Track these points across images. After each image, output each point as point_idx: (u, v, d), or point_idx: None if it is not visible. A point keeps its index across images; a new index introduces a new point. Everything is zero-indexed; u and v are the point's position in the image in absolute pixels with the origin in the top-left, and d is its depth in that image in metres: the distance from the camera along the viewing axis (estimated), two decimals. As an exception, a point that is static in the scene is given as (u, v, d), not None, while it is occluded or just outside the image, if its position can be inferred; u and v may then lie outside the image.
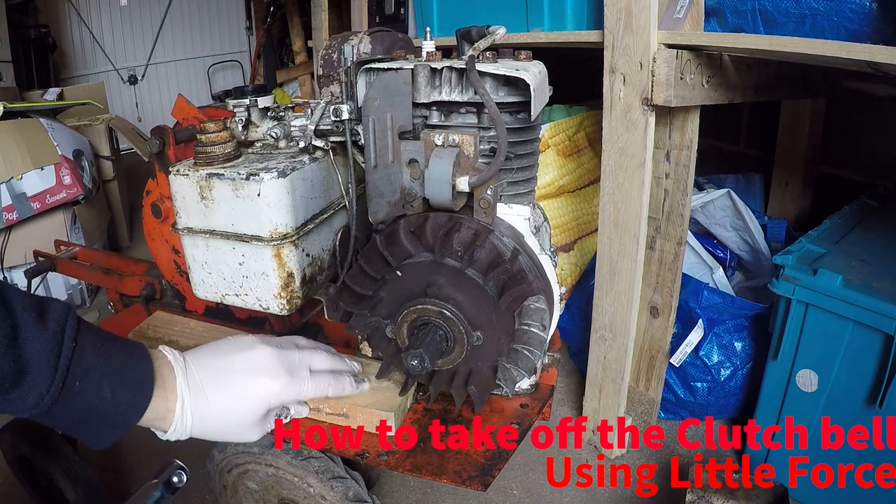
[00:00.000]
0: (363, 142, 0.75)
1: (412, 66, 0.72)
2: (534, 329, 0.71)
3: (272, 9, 4.19)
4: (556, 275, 0.84)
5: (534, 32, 1.45)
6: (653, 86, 1.14)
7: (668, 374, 1.55)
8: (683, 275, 1.44)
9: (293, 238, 0.86)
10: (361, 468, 0.99)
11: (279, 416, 0.76)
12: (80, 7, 4.38)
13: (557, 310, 0.83)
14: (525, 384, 0.92)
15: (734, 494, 1.19)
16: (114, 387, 0.57)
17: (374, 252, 0.77)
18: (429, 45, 0.77)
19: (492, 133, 0.75)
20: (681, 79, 1.14)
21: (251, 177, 0.82)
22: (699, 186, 1.92)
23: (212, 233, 0.88)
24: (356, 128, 0.82)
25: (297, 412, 0.80)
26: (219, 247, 0.88)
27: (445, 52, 0.82)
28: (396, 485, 1.42)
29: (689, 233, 1.50)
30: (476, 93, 0.69)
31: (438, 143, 0.72)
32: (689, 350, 1.52)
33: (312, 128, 0.86)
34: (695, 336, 1.51)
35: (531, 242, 0.80)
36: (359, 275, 0.79)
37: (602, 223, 1.32)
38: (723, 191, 1.68)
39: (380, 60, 0.78)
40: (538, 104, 0.72)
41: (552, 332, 0.87)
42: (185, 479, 0.63)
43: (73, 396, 0.54)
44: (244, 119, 0.96)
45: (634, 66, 1.16)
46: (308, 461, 0.92)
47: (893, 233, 1.36)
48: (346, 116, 0.81)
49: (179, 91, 4.64)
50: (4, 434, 1.21)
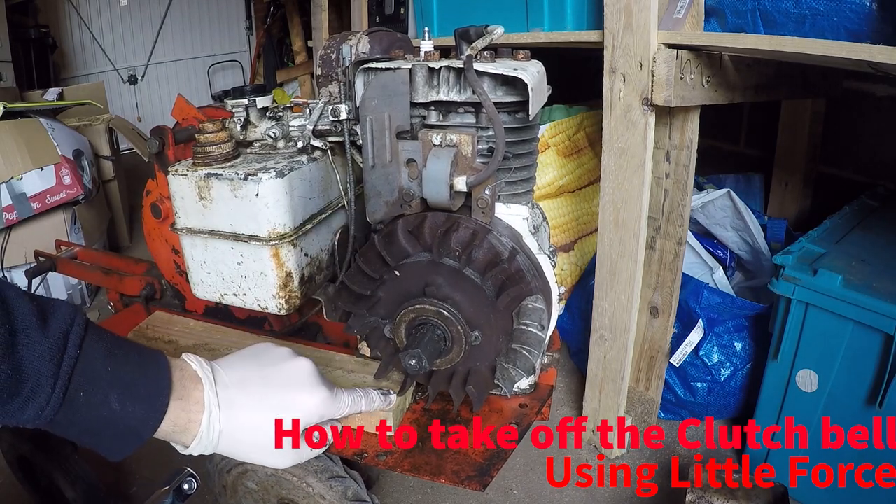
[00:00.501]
0: (361, 142, 0.75)
1: (410, 66, 0.72)
2: (532, 329, 0.71)
3: (272, 9, 4.19)
4: (556, 275, 0.84)
5: (534, 32, 1.45)
6: (653, 86, 1.14)
7: (668, 374, 1.55)
8: (683, 275, 1.44)
9: (291, 238, 0.86)
10: (360, 468, 0.99)
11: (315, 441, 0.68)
12: (80, 7, 4.38)
13: (556, 309, 0.83)
14: (524, 384, 0.92)
15: (734, 494, 1.19)
16: (123, 399, 0.52)
17: (373, 252, 0.77)
18: (427, 45, 0.77)
19: (490, 133, 0.75)
20: (681, 79, 1.13)
21: (249, 177, 0.82)
22: (699, 186, 1.91)
23: (210, 233, 0.88)
24: (354, 128, 0.82)
25: (336, 434, 0.72)
26: (217, 247, 0.88)
27: (445, 52, 0.82)
28: (396, 485, 1.42)
29: (689, 233, 1.50)
30: (474, 92, 0.69)
31: (436, 143, 0.72)
32: (689, 350, 1.52)
33: (311, 128, 0.86)
34: (695, 336, 1.51)
35: (529, 242, 0.80)
36: (357, 274, 0.79)
37: (602, 223, 1.32)
38: (723, 191, 1.68)
39: (378, 60, 0.78)
40: (536, 104, 0.72)
41: (551, 332, 0.87)
42: (196, 487, 0.62)
43: (78, 407, 0.50)
44: (243, 119, 0.96)
45: (634, 66, 1.16)
46: (307, 461, 0.92)
47: (893, 233, 1.35)
48: (345, 116, 0.81)
49: (179, 91, 4.63)
50: (4, 434, 1.21)
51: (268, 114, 0.98)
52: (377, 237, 0.76)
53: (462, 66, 0.69)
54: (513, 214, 0.80)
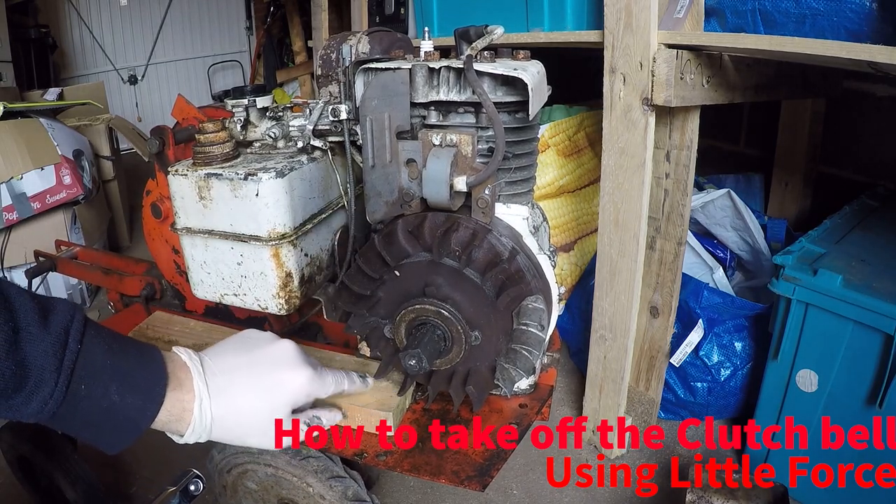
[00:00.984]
0: (361, 142, 0.75)
1: (410, 66, 0.72)
2: (532, 329, 0.71)
3: (272, 9, 4.19)
4: (556, 275, 0.84)
5: (534, 32, 1.45)
6: (653, 86, 1.14)
7: (668, 374, 1.55)
8: (683, 275, 1.44)
9: (291, 238, 0.86)
10: (360, 468, 0.99)
11: (310, 424, 0.71)
12: (80, 7, 4.38)
13: (556, 309, 0.83)
14: (524, 384, 0.92)
15: (734, 494, 1.19)
16: (122, 390, 0.54)
17: (373, 252, 0.77)
18: (427, 45, 0.77)
19: (490, 133, 0.75)
20: (681, 79, 1.13)
21: (249, 177, 0.82)
22: (699, 186, 1.91)
23: (210, 233, 0.88)
24: (354, 128, 0.82)
25: (330, 419, 0.75)
26: (217, 247, 0.88)
27: (445, 53, 0.82)
28: (396, 485, 1.42)
29: (689, 233, 1.50)
30: (474, 92, 0.69)
31: (436, 143, 0.72)
32: (689, 350, 1.52)
33: (311, 128, 0.86)
34: (695, 336, 1.51)
35: (529, 242, 0.80)
36: (357, 275, 0.79)
37: (602, 223, 1.32)
38: (723, 191, 1.68)
39: (378, 60, 0.78)
40: (536, 104, 0.72)
41: (551, 332, 0.87)
42: (202, 487, 0.63)
43: (80, 400, 0.52)
44: (243, 119, 0.96)
45: (634, 66, 1.16)
46: (307, 461, 0.92)
47: (893, 233, 1.35)
48: (345, 116, 0.81)
49: (179, 91, 4.63)
50: (4, 434, 1.21)
51: (268, 114, 0.98)
52: (377, 237, 0.76)
53: (462, 66, 0.69)
54: (513, 214, 0.80)
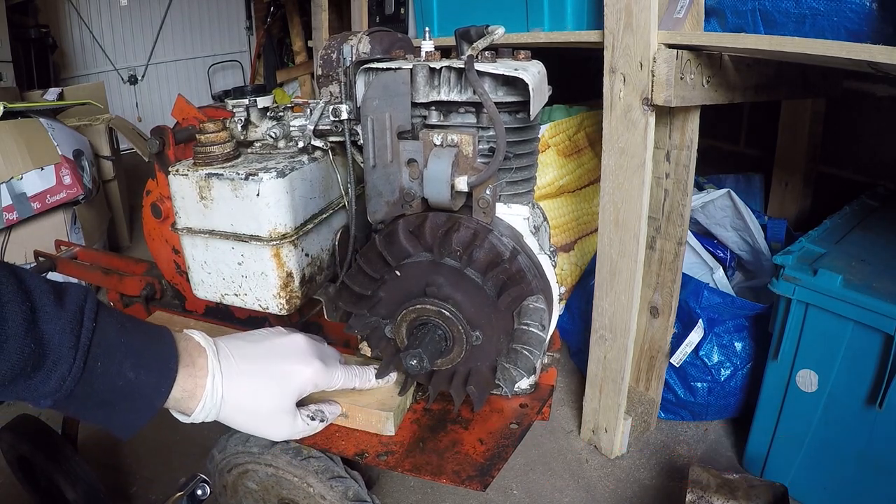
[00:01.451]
0: (362, 142, 0.75)
1: (411, 66, 0.72)
2: (533, 329, 0.71)
3: (272, 9, 4.19)
4: (556, 275, 0.84)
5: (534, 32, 1.45)
6: (653, 86, 1.14)
7: (668, 374, 1.55)
8: (683, 275, 1.44)
9: (292, 238, 0.86)
10: (361, 468, 0.99)
11: (313, 418, 0.73)
12: (80, 7, 4.38)
13: (557, 309, 0.83)
14: (524, 384, 0.92)
15: (734, 494, 1.19)
16: (137, 367, 0.55)
17: (373, 252, 0.77)
18: (428, 45, 0.77)
19: (491, 133, 0.75)
20: (681, 79, 1.13)
21: (250, 177, 0.82)
22: (699, 186, 1.92)
23: (211, 233, 0.88)
24: (355, 128, 0.82)
25: (334, 414, 0.77)
26: (218, 247, 0.88)
27: (445, 52, 0.82)
28: (397, 485, 1.42)
29: (689, 233, 1.50)
30: (475, 92, 0.69)
31: (437, 143, 0.72)
32: (689, 350, 1.52)
33: (311, 128, 0.86)
34: (695, 336, 1.51)
35: (530, 242, 0.80)
36: (358, 274, 0.79)
37: (602, 223, 1.32)
38: (723, 191, 1.68)
39: (378, 60, 0.78)
40: (537, 104, 0.72)
41: (552, 332, 0.87)
42: (209, 492, 0.63)
43: (96, 378, 0.53)
44: (243, 119, 0.96)
45: (634, 66, 1.16)
46: (308, 461, 0.92)
47: (893, 233, 1.36)
48: (345, 116, 0.81)
49: (179, 91, 4.64)
50: (4, 434, 1.21)
51: (268, 114, 0.98)
52: (378, 237, 0.76)
53: (463, 67, 0.70)
54: (513, 214, 0.80)
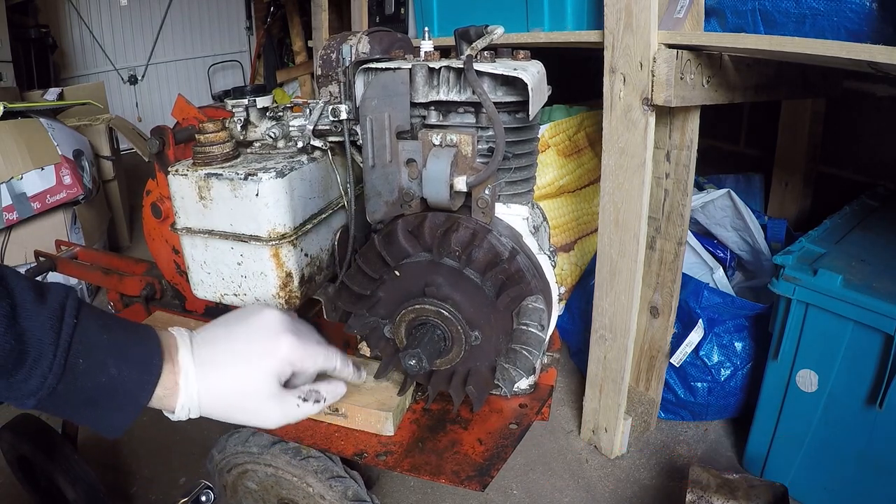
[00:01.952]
0: (361, 142, 0.75)
1: (410, 66, 0.72)
2: (532, 329, 0.71)
3: (272, 9, 4.19)
4: (556, 275, 0.84)
5: (534, 32, 1.45)
6: (653, 86, 1.14)
7: (669, 374, 1.55)
8: (683, 275, 1.44)
9: (291, 238, 0.86)
10: (360, 468, 0.99)
11: (305, 399, 0.65)
12: (80, 7, 4.38)
13: (556, 309, 0.83)
14: (524, 384, 0.92)
15: (734, 494, 1.19)
16: (120, 364, 0.54)
17: (373, 252, 0.77)
18: (427, 45, 0.77)
19: (490, 133, 0.75)
20: (681, 79, 1.13)
21: (249, 177, 0.82)
22: (699, 186, 1.91)
23: (210, 233, 0.88)
24: (354, 128, 0.82)
25: (333, 393, 0.68)
26: (217, 247, 0.88)
27: (445, 52, 0.82)
28: (396, 485, 1.42)
29: (689, 233, 1.50)
30: (474, 92, 0.69)
31: (436, 143, 0.72)
32: (689, 350, 1.52)
33: (311, 128, 0.86)
34: (695, 336, 1.51)
35: (529, 242, 0.80)
36: (357, 275, 0.79)
37: (602, 223, 1.32)
38: (723, 191, 1.68)
39: (378, 60, 0.78)
40: (536, 104, 0.72)
41: (551, 332, 0.87)
42: (213, 498, 0.63)
43: (79, 375, 0.51)
44: (243, 119, 0.96)
45: (634, 66, 1.16)
46: (307, 461, 0.92)
47: (893, 233, 1.36)
48: (345, 116, 0.81)
49: (179, 91, 4.63)
50: (4, 434, 1.21)
51: (268, 114, 0.98)
52: (377, 237, 0.76)
53: (462, 66, 0.69)
54: (513, 214, 0.80)
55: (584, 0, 1.37)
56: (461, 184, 0.71)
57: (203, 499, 0.63)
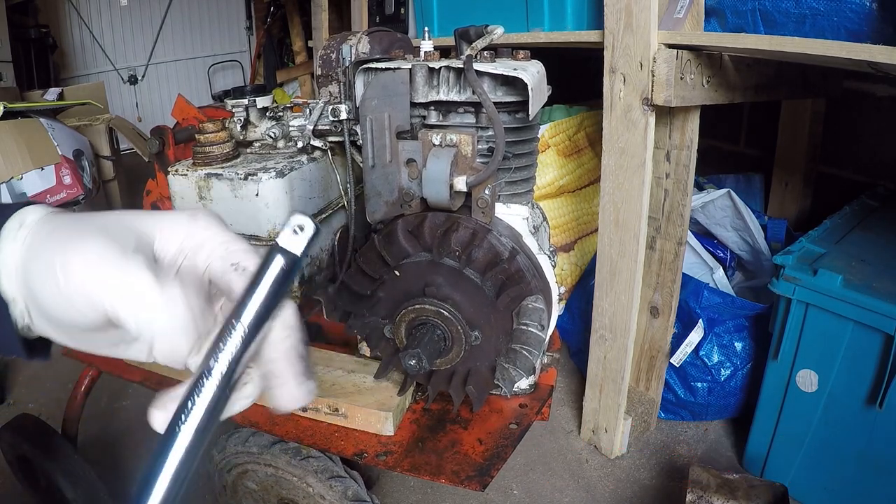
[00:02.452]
0: (361, 142, 0.75)
1: (410, 66, 0.72)
2: (532, 329, 0.71)
3: (272, 9, 4.18)
4: (556, 275, 0.84)
5: (534, 32, 1.45)
6: (653, 86, 1.14)
7: (669, 374, 1.55)
8: (683, 275, 1.44)
9: (292, 238, 0.86)
10: (360, 468, 0.99)
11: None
12: (80, 7, 4.38)
13: (556, 309, 0.83)
14: (524, 384, 0.92)
15: (734, 494, 1.18)
16: None
17: (373, 252, 0.77)
18: (427, 45, 0.77)
19: (490, 133, 0.75)
20: (681, 79, 1.13)
21: (249, 177, 0.82)
22: (699, 186, 1.91)
23: (210, 233, 0.88)
24: (354, 128, 0.82)
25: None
26: (217, 247, 0.88)
27: (445, 53, 0.82)
28: (396, 485, 1.42)
29: (689, 233, 1.50)
30: (474, 92, 0.69)
31: (436, 143, 0.72)
32: (690, 350, 1.51)
33: (311, 128, 0.86)
34: (695, 336, 1.51)
35: (529, 242, 0.80)
36: (357, 274, 0.79)
37: (602, 223, 1.32)
38: (723, 191, 1.68)
39: (378, 60, 0.78)
40: (536, 104, 0.72)
41: (551, 332, 0.87)
42: (314, 228, 0.34)
43: None
44: (243, 119, 0.96)
45: (634, 66, 1.16)
46: (307, 461, 0.92)
47: (893, 233, 1.35)
48: (345, 116, 0.81)
49: (179, 91, 4.63)
50: (4, 434, 1.21)
51: (268, 114, 0.98)
52: (377, 237, 0.76)
53: (462, 66, 0.69)
54: (513, 214, 0.80)
55: (584, 0, 1.37)
56: (461, 184, 0.71)
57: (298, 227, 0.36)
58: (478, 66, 0.69)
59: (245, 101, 0.95)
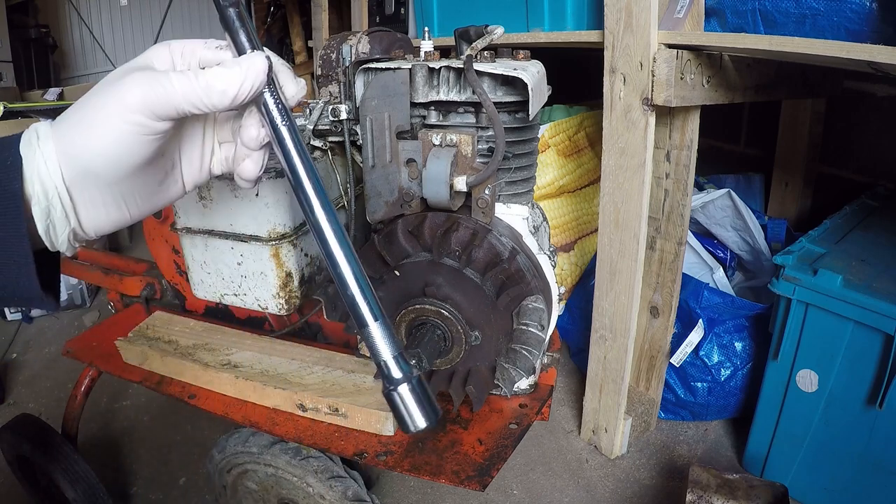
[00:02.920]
0: (361, 142, 0.75)
1: (410, 66, 0.72)
2: (532, 329, 0.71)
3: (272, 9, 4.18)
4: (556, 275, 0.84)
5: (534, 32, 1.45)
6: (653, 86, 1.14)
7: (669, 374, 1.55)
8: (683, 275, 1.44)
9: (291, 238, 0.86)
10: (360, 468, 0.99)
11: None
12: (80, 7, 4.38)
13: (556, 309, 0.83)
14: (524, 384, 0.92)
15: (734, 494, 1.18)
16: None
17: (373, 252, 0.77)
18: (427, 45, 0.77)
19: (490, 133, 0.75)
20: (681, 79, 1.13)
21: (250, 177, 0.82)
22: (699, 186, 1.91)
23: (210, 232, 0.88)
24: (354, 128, 0.82)
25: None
26: (217, 246, 0.88)
27: (445, 53, 0.82)
28: (396, 485, 1.42)
29: (690, 233, 1.50)
30: (474, 92, 0.69)
31: (436, 143, 0.72)
32: (690, 350, 1.52)
33: (311, 128, 0.86)
34: (695, 336, 1.51)
35: (529, 242, 0.80)
36: (357, 275, 0.79)
37: (602, 223, 1.32)
38: (723, 191, 1.68)
39: (378, 60, 0.78)
40: (536, 104, 0.72)
41: (551, 332, 0.87)
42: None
43: None
44: (243, 119, 0.95)
45: (634, 66, 1.16)
46: (307, 461, 0.92)
47: (893, 233, 1.36)
48: (345, 116, 0.81)
49: (180, 91, 4.62)
50: (4, 434, 1.21)
51: (268, 114, 0.97)
52: (377, 237, 0.76)
53: (462, 66, 0.69)
54: (513, 214, 0.80)
55: (584, 0, 1.37)
56: (461, 184, 0.71)
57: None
58: (478, 66, 0.69)
59: (245, 101, 0.95)
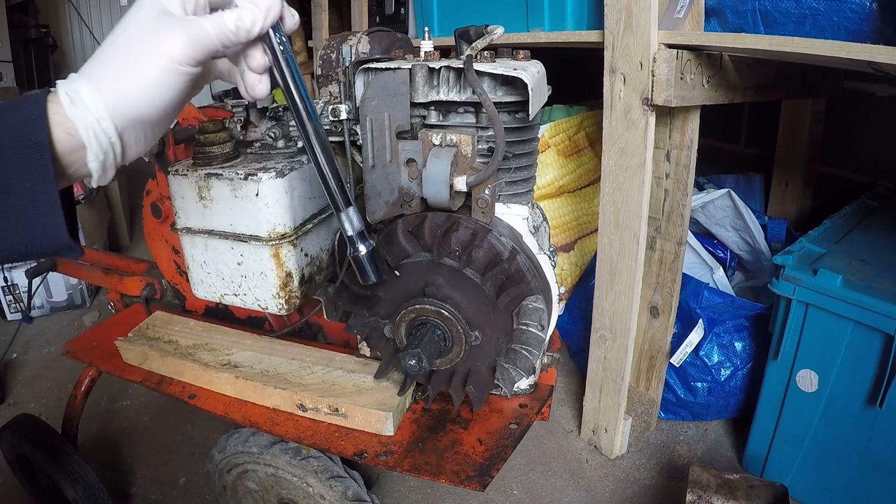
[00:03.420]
0: (361, 142, 0.75)
1: (410, 66, 0.72)
2: (532, 329, 0.71)
3: (272, 9, 4.18)
4: (556, 275, 0.84)
5: (534, 32, 1.45)
6: (653, 86, 1.14)
7: (669, 374, 1.55)
8: (683, 275, 1.44)
9: (291, 238, 0.86)
10: (360, 468, 0.99)
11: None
12: (80, 7, 4.38)
13: (556, 309, 0.83)
14: (524, 384, 0.92)
15: (734, 494, 1.18)
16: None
17: (373, 252, 0.77)
18: (427, 45, 0.77)
19: (490, 133, 0.75)
20: (681, 79, 1.13)
21: (249, 177, 0.82)
22: (699, 186, 1.91)
23: (210, 233, 0.88)
24: (354, 128, 0.82)
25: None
26: (217, 247, 0.88)
27: (445, 53, 0.82)
28: (396, 485, 1.42)
29: (690, 233, 1.50)
30: (474, 92, 0.69)
31: (436, 143, 0.72)
32: (690, 350, 1.52)
33: (311, 128, 0.86)
34: (695, 336, 1.51)
35: (529, 242, 0.80)
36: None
37: (602, 223, 1.32)
38: (723, 191, 1.68)
39: (378, 60, 0.78)
40: (536, 104, 0.72)
41: (551, 332, 0.87)
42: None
43: None
44: (243, 119, 0.96)
45: (634, 66, 1.16)
46: (307, 461, 0.92)
47: (893, 233, 1.35)
48: (345, 116, 0.81)
49: (180, 91, 4.61)
50: (4, 434, 1.21)
51: (268, 114, 0.98)
52: (377, 237, 0.76)
53: (462, 66, 0.69)
54: (513, 214, 0.80)
55: (584, 0, 1.37)
56: (461, 184, 0.71)
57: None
58: (478, 66, 0.69)
59: (245, 101, 0.95)
